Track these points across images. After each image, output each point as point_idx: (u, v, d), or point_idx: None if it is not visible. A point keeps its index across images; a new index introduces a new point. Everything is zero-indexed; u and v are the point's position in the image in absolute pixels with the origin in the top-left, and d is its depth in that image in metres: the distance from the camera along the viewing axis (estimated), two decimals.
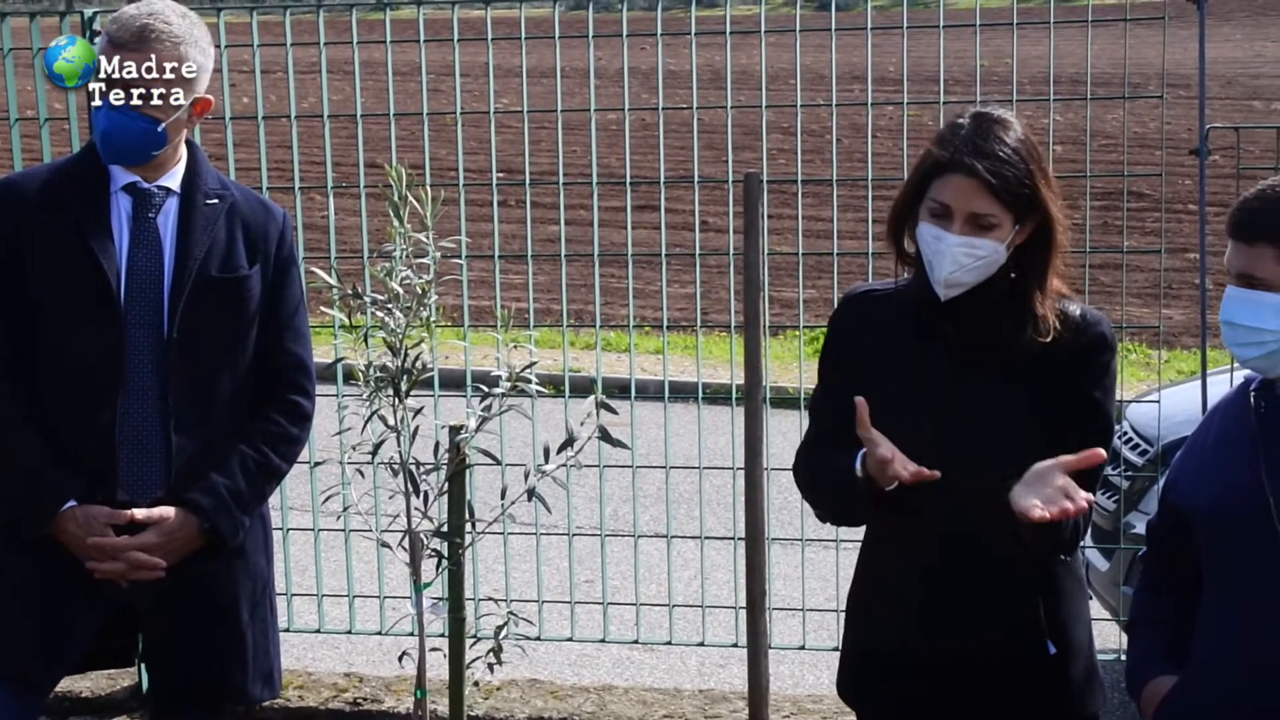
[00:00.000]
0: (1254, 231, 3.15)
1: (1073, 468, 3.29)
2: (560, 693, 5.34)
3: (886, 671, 3.71)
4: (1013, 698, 3.58)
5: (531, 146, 5.56)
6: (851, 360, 3.69)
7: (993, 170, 3.41)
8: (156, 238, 4.12)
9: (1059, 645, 3.57)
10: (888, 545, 3.68)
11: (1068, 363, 3.51)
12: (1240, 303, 3.17)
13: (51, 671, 4.25)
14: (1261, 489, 3.16)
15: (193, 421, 4.11)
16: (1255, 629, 3.14)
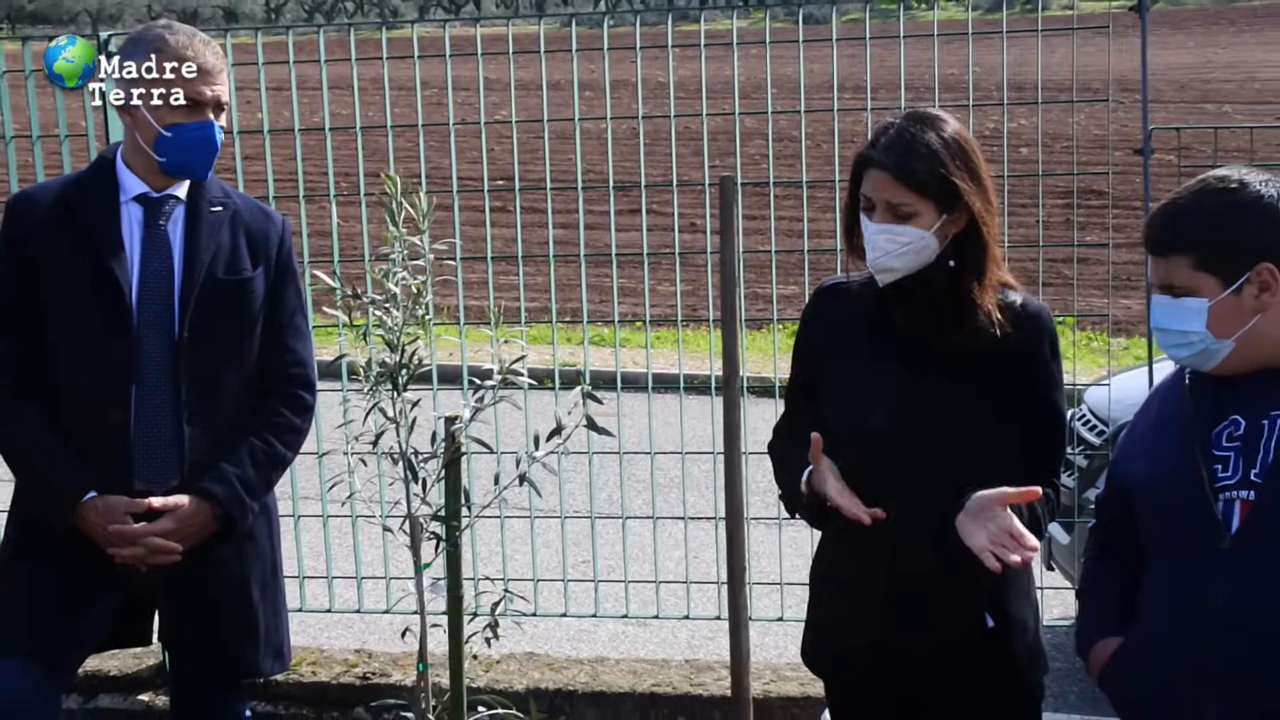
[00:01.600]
0: (1166, 245, 3.18)
1: (1013, 501, 3.32)
2: (556, 665, 5.35)
3: (842, 643, 3.73)
4: (956, 668, 3.60)
5: (522, 155, 5.57)
6: (817, 349, 3.73)
7: (901, 163, 3.47)
8: (166, 244, 4.14)
9: (998, 619, 3.59)
10: (845, 526, 3.70)
11: (1013, 351, 3.54)
12: (1165, 310, 3.19)
13: (76, 652, 4.27)
14: (1196, 466, 3.17)
15: (203, 415, 4.13)
16: (1190, 594, 3.16)
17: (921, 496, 3.49)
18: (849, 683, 3.81)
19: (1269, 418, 3.12)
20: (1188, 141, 5.31)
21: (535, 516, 5.52)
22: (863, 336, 3.63)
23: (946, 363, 3.53)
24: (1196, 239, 3.15)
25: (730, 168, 5.24)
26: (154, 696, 5.23)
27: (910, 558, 3.56)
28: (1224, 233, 3.14)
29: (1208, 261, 3.14)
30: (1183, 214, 3.17)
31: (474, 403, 3.71)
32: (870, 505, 3.55)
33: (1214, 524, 3.12)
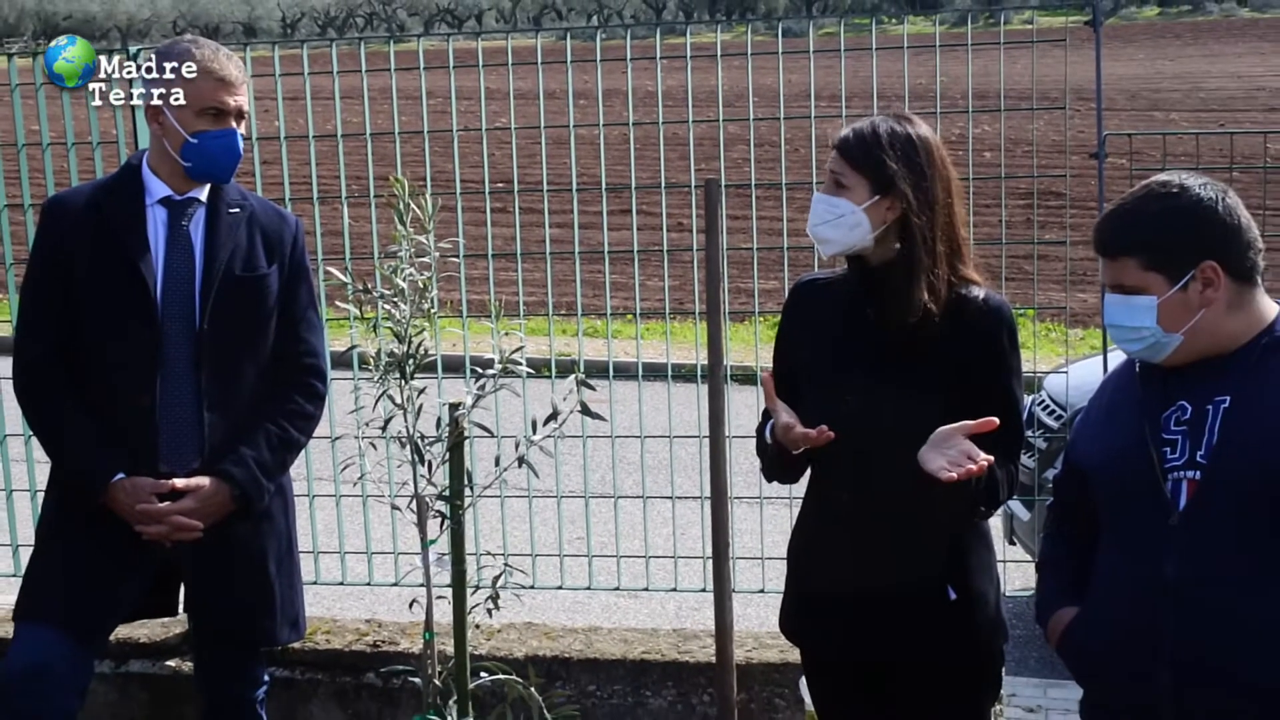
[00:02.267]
0: (1115, 248, 3.18)
1: (971, 432, 3.33)
2: (553, 634, 5.34)
3: (817, 613, 3.73)
4: (919, 637, 3.60)
5: (521, 159, 5.56)
6: (795, 340, 3.75)
7: (845, 138, 3.56)
8: (188, 243, 4.15)
9: (960, 592, 3.59)
10: (819, 505, 3.71)
11: (973, 342, 3.55)
12: (1118, 308, 3.19)
13: (107, 621, 4.28)
14: (1146, 447, 3.17)
15: (223, 402, 4.14)
16: (1140, 566, 3.16)
17: (888, 478, 3.49)
18: (823, 651, 3.81)
19: (1213, 403, 3.13)
20: (1139, 147, 5.31)
21: (533, 496, 5.51)
22: (835, 327, 3.64)
23: (912, 352, 3.53)
24: (1143, 241, 3.15)
25: (714, 171, 5.24)
26: (180, 662, 5.22)
27: (877, 536, 3.56)
28: (1168, 234, 3.14)
29: (1155, 261, 3.14)
30: (1129, 218, 3.18)
31: (476, 390, 3.71)
32: (839, 488, 3.56)
33: (1163, 502, 3.13)
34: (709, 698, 4.99)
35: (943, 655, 3.61)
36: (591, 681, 5.08)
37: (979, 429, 3.34)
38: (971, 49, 5.29)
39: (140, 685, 5.25)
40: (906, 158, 3.54)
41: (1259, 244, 3.20)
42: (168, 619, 4.73)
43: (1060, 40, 5.25)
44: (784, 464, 3.63)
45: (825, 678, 3.85)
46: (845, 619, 3.63)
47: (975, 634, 3.64)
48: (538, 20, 60.83)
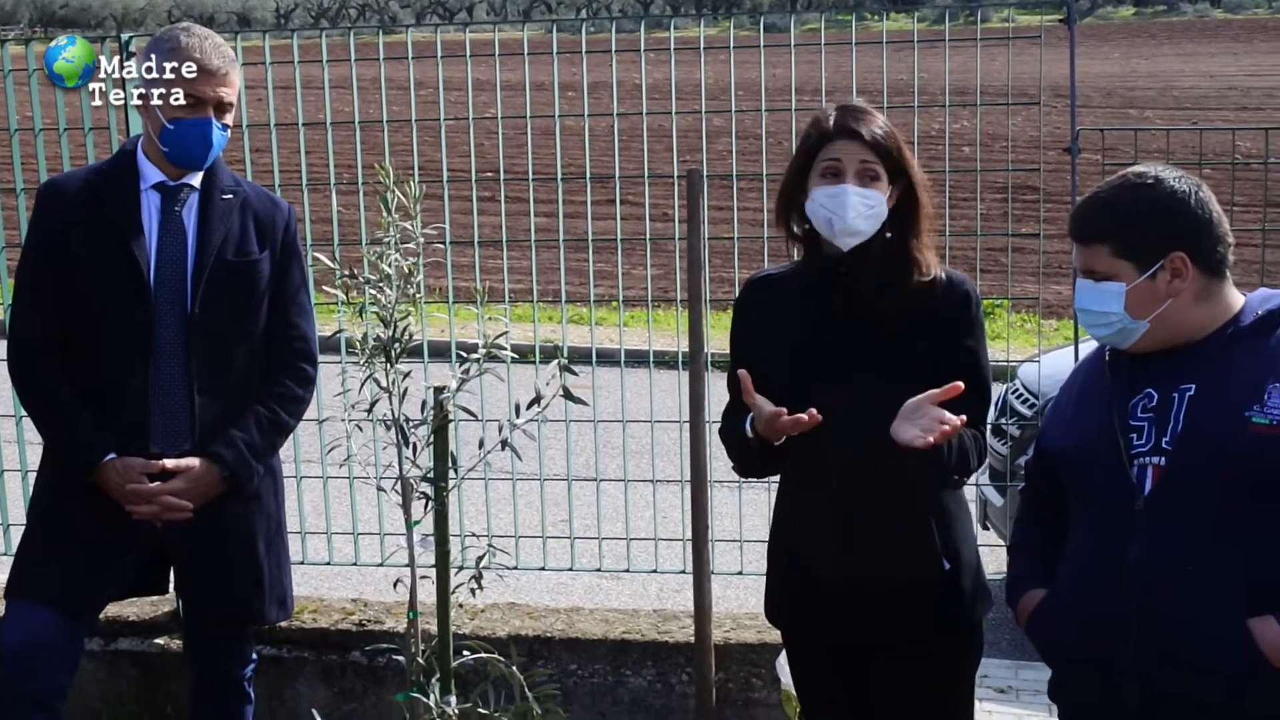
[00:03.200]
0: (1089, 235, 3.20)
1: (939, 400, 3.35)
2: (535, 614, 5.35)
3: (806, 597, 3.72)
4: (914, 610, 3.61)
5: (508, 149, 5.55)
6: (757, 337, 3.72)
7: (869, 131, 3.54)
8: (181, 228, 4.14)
9: (951, 562, 3.61)
10: (803, 495, 3.69)
11: (943, 317, 3.57)
12: (1088, 293, 3.21)
13: (98, 599, 4.28)
14: (1114, 434, 3.19)
15: (213, 384, 4.14)
16: (1108, 549, 3.18)
17: (871, 457, 3.49)
18: (808, 636, 3.80)
19: (1178, 391, 3.15)
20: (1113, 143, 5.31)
21: (517, 479, 5.51)
22: (802, 317, 3.64)
23: (883, 336, 3.54)
24: (1116, 229, 3.17)
25: (697, 162, 5.24)
26: (169, 640, 5.22)
27: (865, 515, 3.57)
28: (1141, 224, 3.15)
29: (1125, 250, 3.16)
30: (1104, 206, 3.19)
31: (460, 374, 3.70)
32: (823, 475, 3.56)
33: (1129, 487, 3.15)
34: (687, 677, 5.00)
35: (938, 627, 3.64)
36: (573, 661, 5.08)
37: (946, 396, 3.36)
38: (950, 46, 5.29)
39: (130, 663, 5.24)
40: (900, 145, 3.59)
41: (1229, 239, 3.21)
42: (157, 597, 4.74)
43: (1036, 37, 5.26)
44: (765, 457, 3.61)
45: (814, 662, 3.84)
46: (838, 602, 3.63)
47: (964, 601, 3.67)
48: (527, 13, 60.75)
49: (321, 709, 3.99)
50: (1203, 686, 3.08)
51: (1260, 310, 3.18)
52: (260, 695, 4.77)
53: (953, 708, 3.76)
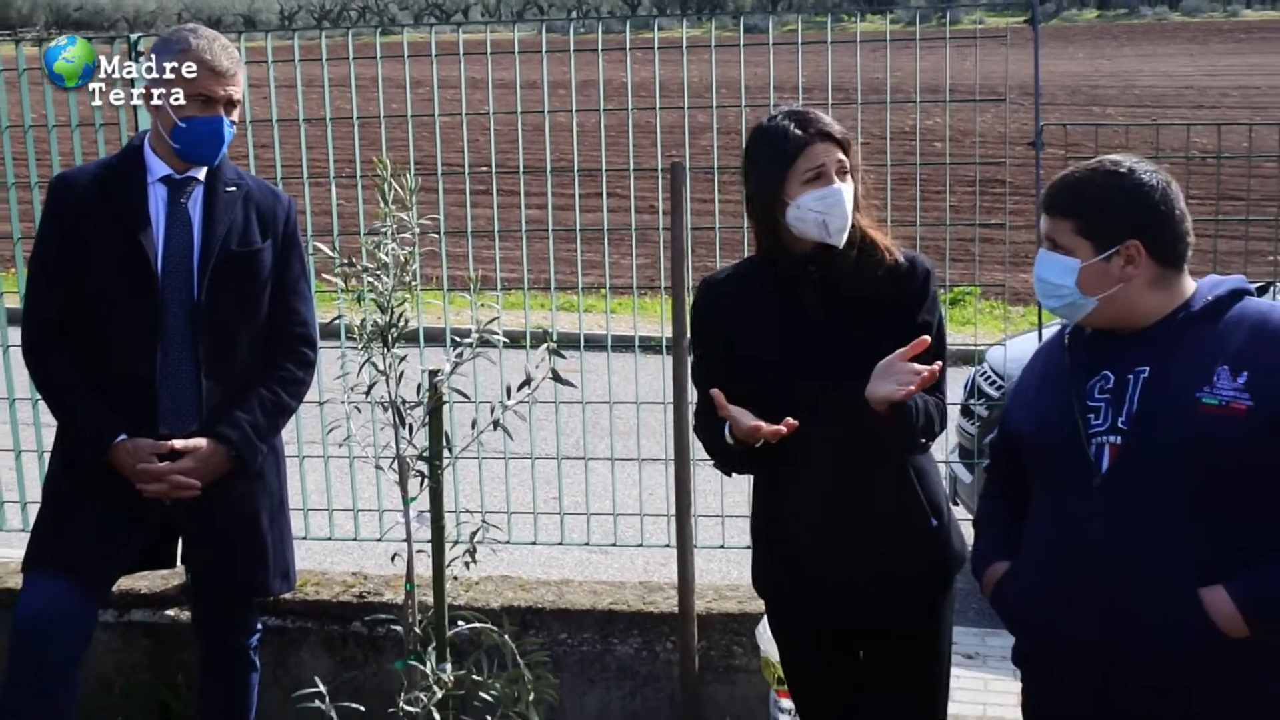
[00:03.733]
0: (1057, 208, 3.21)
1: (906, 356, 3.36)
2: (527, 585, 5.35)
3: (795, 580, 3.71)
4: (907, 563, 3.61)
5: (500, 144, 5.55)
6: (723, 337, 3.67)
7: (838, 130, 3.54)
8: (187, 219, 4.14)
9: (937, 519, 3.62)
10: (785, 474, 3.66)
11: (908, 298, 3.55)
12: (1046, 263, 3.23)
13: (110, 572, 4.28)
14: (1072, 415, 3.19)
15: (219, 369, 4.14)
16: (1067, 524, 3.18)
17: (859, 449, 3.49)
18: (792, 604, 3.79)
19: (1133, 373, 3.15)
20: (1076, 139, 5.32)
21: (509, 458, 5.51)
22: (776, 315, 3.59)
23: (852, 316, 3.53)
24: (1081, 208, 3.17)
25: (681, 156, 5.22)
26: (179, 612, 5.21)
27: (853, 490, 3.55)
28: (1105, 208, 3.16)
29: (1087, 229, 3.16)
30: (1077, 185, 3.20)
31: (455, 358, 3.70)
32: (805, 461, 3.54)
33: (1087, 464, 3.15)
34: (671, 645, 5.01)
35: (928, 584, 3.66)
36: (563, 630, 5.09)
37: (914, 352, 3.38)
38: (921, 46, 5.29)
39: (142, 633, 5.24)
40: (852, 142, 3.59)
41: (1190, 237, 3.21)
42: (167, 571, 4.73)
43: (1002, 36, 5.26)
44: (745, 458, 3.58)
45: (798, 628, 3.83)
46: (832, 568, 3.62)
47: (951, 552, 3.70)
48: (520, 14, 60.62)
49: (324, 677, 3.99)
50: (1157, 654, 3.09)
51: (1210, 296, 3.19)
52: (265, 664, 4.76)
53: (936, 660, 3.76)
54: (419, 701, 3.66)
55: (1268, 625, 3.04)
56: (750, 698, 4.92)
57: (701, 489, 4.98)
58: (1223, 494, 3.05)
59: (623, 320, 9.14)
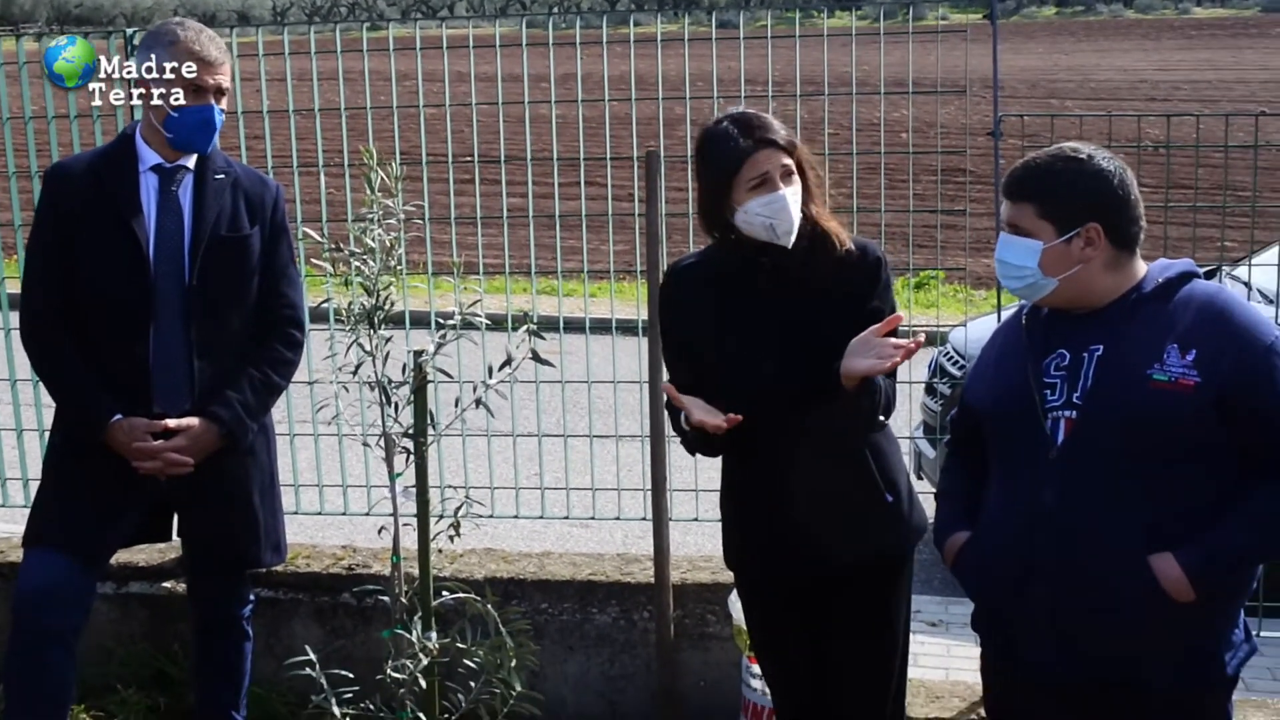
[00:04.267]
0: (1019, 193, 3.19)
1: (882, 332, 3.36)
2: (509, 558, 5.33)
3: (757, 536, 3.71)
4: (864, 538, 3.60)
5: (483, 134, 5.52)
6: (686, 323, 3.68)
7: (782, 136, 3.50)
8: (178, 206, 4.11)
9: (893, 494, 3.61)
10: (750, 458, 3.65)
11: (860, 284, 3.54)
12: (1008, 246, 3.21)
13: (108, 546, 4.27)
14: (1029, 390, 3.20)
15: (210, 350, 4.12)
16: (1025, 495, 3.19)
17: (814, 424, 3.49)
18: (759, 575, 3.79)
19: (1088, 351, 3.16)
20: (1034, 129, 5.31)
21: (492, 435, 5.50)
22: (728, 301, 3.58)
23: (807, 305, 3.51)
24: (1043, 192, 3.16)
25: (656, 146, 5.20)
26: (176, 584, 5.18)
27: (811, 468, 3.55)
28: (1066, 192, 3.16)
29: (1049, 212, 3.16)
30: (1039, 170, 3.18)
31: (439, 339, 3.68)
32: (765, 442, 3.54)
33: (1043, 438, 3.15)
34: (648, 614, 5.00)
35: (887, 554, 3.66)
36: (544, 600, 5.08)
37: (889, 327, 3.38)
38: (886, 40, 5.28)
39: (140, 604, 5.22)
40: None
41: (1143, 222, 3.22)
42: (164, 545, 4.72)
43: (963, 31, 5.25)
44: (705, 444, 3.59)
45: (764, 599, 3.83)
46: (792, 541, 3.62)
47: (907, 525, 3.69)
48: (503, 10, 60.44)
49: (314, 646, 3.97)
50: (1108, 618, 3.10)
51: (1160, 278, 3.20)
52: (259, 634, 4.75)
53: (895, 614, 3.76)
54: (405, 669, 3.65)
55: (1213, 590, 3.06)
56: (723, 664, 4.92)
57: (677, 464, 4.96)
58: (1172, 466, 3.06)
59: (601, 303, 9.13)
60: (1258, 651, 3.30)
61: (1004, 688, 3.41)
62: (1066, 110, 25.41)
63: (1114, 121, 5.34)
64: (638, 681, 5.04)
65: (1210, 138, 5.42)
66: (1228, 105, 24.93)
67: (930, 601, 6.29)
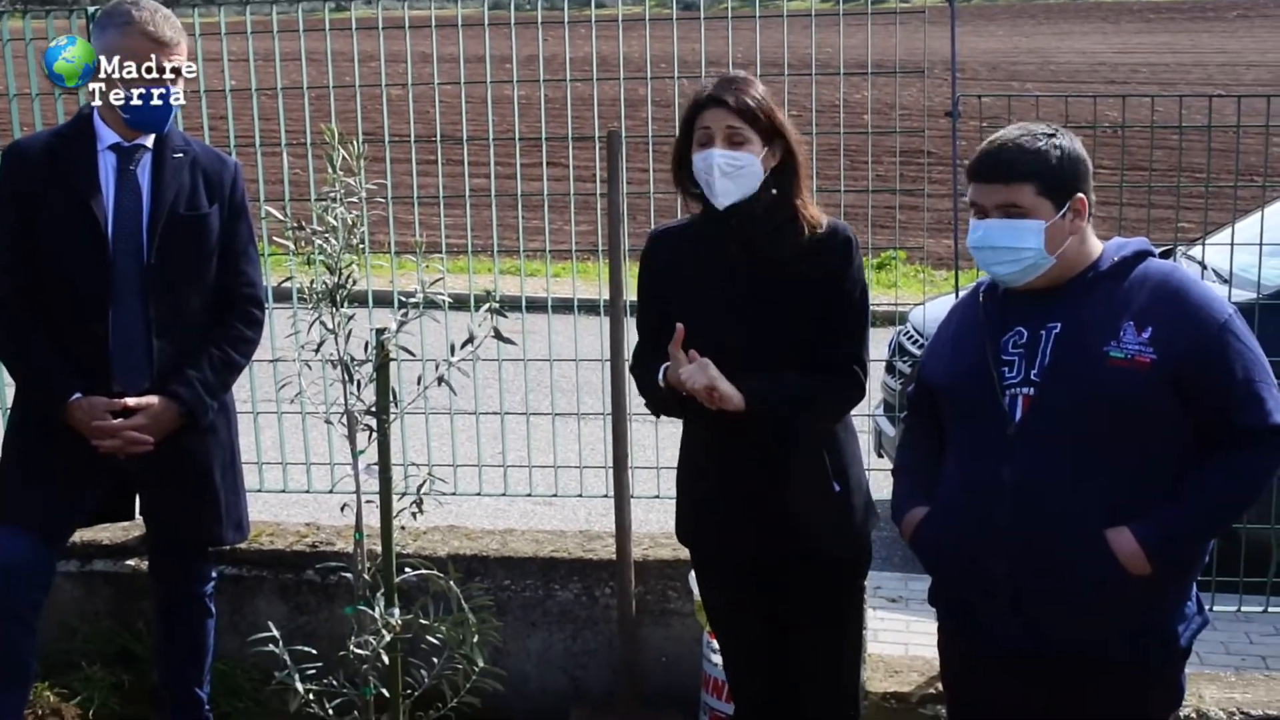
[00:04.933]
0: (1014, 174, 3.15)
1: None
2: (472, 535, 5.32)
3: (709, 515, 3.72)
4: (809, 526, 3.60)
5: (448, 115, 5.48)
6: (662, 287, 3.70)
7: (736, 99, 3.49)
8: (136, 185, 4.07)
9: (841, 484, 3.60)
10: (706, 423, 3.67)
11: (827, 260, 3.54)
12: (1003, 230, 3.16)
13: (68, 525, 4.25)
14: (988, 367, 3.20)
15: (170, 329, 4.09)
16: (982, 471, 3.20)
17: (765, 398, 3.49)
18: (710, 553, 3.81)
19: (1046, 328, 3.17)
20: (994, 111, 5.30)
21: (454, 413, 5.48)
22: (701, 266, 3.61)
23: (774, 278, 3.52)
24: (1038, 170, 3.15)
25: (618, 126, 5.18)
26: (139, 561, 5.15)
27: (765, 445, 3.56)
28: (1058, 167, 3.16)
29: (1047, 189, 3.16)
30: (1026, 150, 3.16)
31: (401, 317, 3.67)
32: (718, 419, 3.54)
33: (1001, 414, 3.16)
34: (610, 590, 5.00)
35: (830, 544, 3.63)
36: (506, 577, 5.07)
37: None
38: (846, 22, 5.27)
39: (103, 582, 5.19)
40: (772, 110, 3.55)
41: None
42: (128, 523, 4.69)
43: (920, 12, 5.25)
44: (675, 403, 3.60)
45: (717, 576, 3.85)
46: (739, 520, 3.63)
47: (856, 519, 3.67)
48: None
49: (278, 622, 3.95)
50: (1065, 591, 3.11)
51: (1116, 256, 3.22)
52: (222, 611, 4.73)
53: (844, 613, 3.77)
54: (369, 645, 3.64)
55: (1168, 564, 3.08)
56: (685, 639, 4.93)
57: (638, 442, 4.97)
58: (1128, 442, 3.07)
59: (563, 283, 9.11)
60: (1210, 624, 3.33)
61: (961, 662, 3.42)
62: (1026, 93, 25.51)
63: (1071, 103, 5.35)
64: (600, 657, 5.04)
65: (1165, 119, 5.44)
66: (1184, 88, 25.06)
67: (889, 578, 6.32)
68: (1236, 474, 3.07)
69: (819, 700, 3.76)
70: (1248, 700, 4.41)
